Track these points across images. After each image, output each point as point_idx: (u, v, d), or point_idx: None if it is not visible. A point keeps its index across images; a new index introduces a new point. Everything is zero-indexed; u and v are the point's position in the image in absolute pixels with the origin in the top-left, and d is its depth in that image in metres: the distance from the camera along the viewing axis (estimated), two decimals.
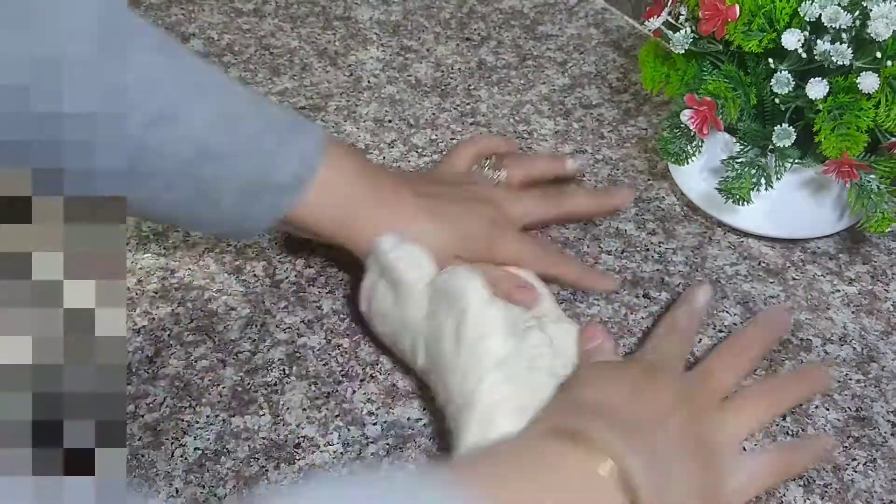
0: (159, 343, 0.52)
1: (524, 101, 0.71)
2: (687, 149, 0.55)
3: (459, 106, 0.71)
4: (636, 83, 0.73)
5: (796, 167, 0.53)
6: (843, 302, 0.55)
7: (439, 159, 0.65)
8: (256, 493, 0.45)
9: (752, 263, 0.58)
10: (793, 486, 0.45)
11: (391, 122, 0.69)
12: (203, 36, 0.78)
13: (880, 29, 0.47)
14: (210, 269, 0.57)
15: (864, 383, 0.51)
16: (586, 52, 0.77)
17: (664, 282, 0.56)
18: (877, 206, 0.51)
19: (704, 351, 0.52)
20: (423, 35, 0.79)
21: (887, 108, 0.49)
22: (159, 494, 0.45)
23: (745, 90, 0.53)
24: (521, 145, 0.67)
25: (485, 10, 0.82)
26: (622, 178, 0.64)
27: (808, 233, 0.58)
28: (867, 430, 0.48)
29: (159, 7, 0.82)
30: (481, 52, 0.77)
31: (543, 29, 0.80)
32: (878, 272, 0.57)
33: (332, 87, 0.73)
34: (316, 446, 0.47)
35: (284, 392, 0.50)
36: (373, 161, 0.64)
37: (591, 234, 0.60)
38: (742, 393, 0.47)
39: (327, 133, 0.52)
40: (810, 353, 0.52)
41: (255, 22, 0.80)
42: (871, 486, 0.45)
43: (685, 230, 0.60)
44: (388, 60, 0.76)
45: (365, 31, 0.79)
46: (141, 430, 0.48)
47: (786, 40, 0.49)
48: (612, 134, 0.68)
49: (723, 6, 0.51)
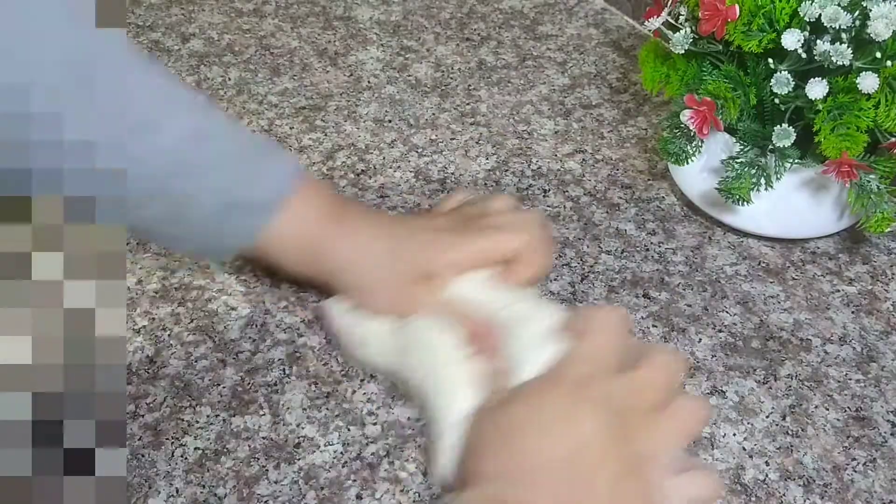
0: (159, 343, 0.52)
1: (524, 101, 0.71)
2: (687, 149, 0.55)
3: (459, 106, 0.71)
4: (636, 83, 0.73)
5: (796, 167, 0.53)
6: (843, 302, 0.55)
7: (439, 159, 0.65)
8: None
9: (752, 263, 0.58)
10: (793, 486, 0.45)
11: (391, 122, 0.69)
12: (203, 36, 0.78)
13: (880, 29, 0.47)
14: (210, 268, 0.57)
15: (864, 383, 0.51)
16: (586, 52, 0.77)
17: (664, 282, 0.56)
18: (877, 206, 0.51)
19: (704, 351, 0.52)
20: (423, 35, 0.79)
21: (887, 108, 0.49)
22: (159, 494, 0.45)
23: (745, 90, 0.53)
24: (521, 145, 0.67)
25: (485, 10, 0.82)
26: (622, 178, 0.64)
27: (808, 233, 0.58)
28: (867, 430, 0.48)
29: (159, 7, 0.82)
30: (481, 52, 0.77)
31: (543, 29, 0.80)
32: (878, 272, 0.57)
33: (332, 87, 0.73)
34: (316, 446, 0.47)
35: (284, 392, 0.50)
36: (373, 164, 0.64)
37: (591, 234, 0.60)
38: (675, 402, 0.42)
39: (300, 165, 0.52)
40: (810, 353, 0.52)
41: (255, 22, 0.80)
42: (871, 486, 0.45)
43: (685, 230, 0.60)
44: (388, 60, 0.76)
45: (365, 31, 0.79)
46: (141, 430, 0.48)
47: (786, 40, 0.49)
48: (612, 134, 0.68)
49: (723, 6, 0.51)
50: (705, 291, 0.56)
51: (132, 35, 0.78)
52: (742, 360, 0.52)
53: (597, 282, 0.56)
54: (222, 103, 0.70)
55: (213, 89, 0.72)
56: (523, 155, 0.66)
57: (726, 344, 0.52)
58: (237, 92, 0.72)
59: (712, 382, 0.50)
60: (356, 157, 0.66)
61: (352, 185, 0.63)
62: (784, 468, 0.46)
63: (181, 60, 0.75)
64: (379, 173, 0.64)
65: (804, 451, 0.47)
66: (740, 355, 0.52)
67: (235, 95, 0.71)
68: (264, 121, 0.69)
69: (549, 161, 0.66)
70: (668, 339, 0.53)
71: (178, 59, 0.75)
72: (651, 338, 0.53)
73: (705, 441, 0.47)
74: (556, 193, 0.63)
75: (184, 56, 0.76)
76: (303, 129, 0.68)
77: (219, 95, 0.71)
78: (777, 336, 0.53)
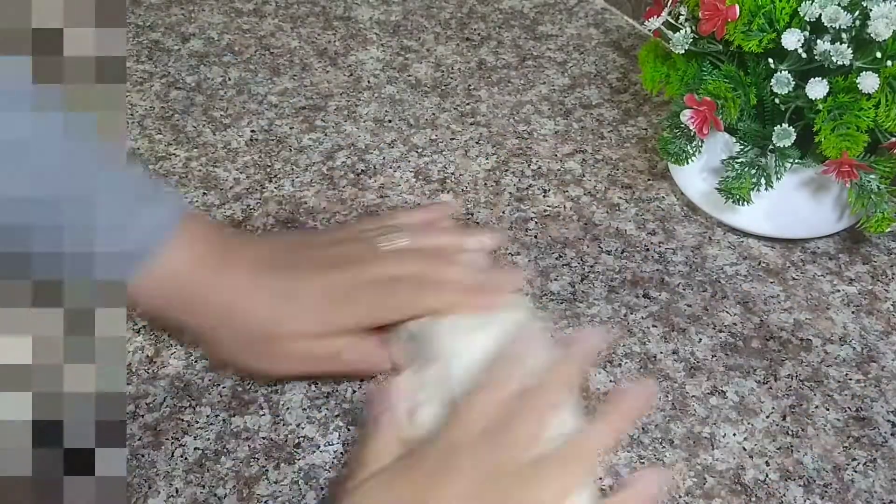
0: (159, 343, 0.52)
1: (524, 101, 0.71)
2: (687, 149, 0.55)
3: (459, 106, 0.71)
4: (636, 83, 0.73)
5: (796, 167, 0.53)
6: (843, 302, 0.55)
7: (439, 159, 0.65)
8: None
9: (752, 263, 0.58)
10: (793, 486, 0.45)
11: (391, 122, 0.69)
12: (203, 36, 0.78)
13: (880, 29, 0.47)
14: None
15: (864, 383, 0.51)
16: (586, 52, 0.77)
17: (664, 282, 0.56)
18: (877, 206, 0.51)
19: (704, 351, 0.52)
20: (423, 35, 0.79)
21: (887, 108, 0.49)
22: (159, 494, 0.45)
23: (745, 90, 0.53)
24: (520, 145, 0.67)
25: (485, 10, 0.82)
26: (622, 178, 0.64)
27: (808, 233, 0.58)
28: (867, 430, 0.48)
29: (159, 7, 0.82)
30: (481, 52, 0.77)
31: (543, 29, 0.80)
32: (878, 272, 0.57)
33: (332, 87, 0.73)
34: (316, 446, 0.47)
35: (284, 392, 0.50)
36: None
37: (591, 234, 0.60)
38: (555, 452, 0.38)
39: (185, 207, 0.47)
40: (810, 353, 0.52)
41: (255, 22, 0.80)
42: (871, 486, 0.45)
43: (685, 230, 0.60)
44: (388, 60, 0.76)
45: (365, 31, 0.79)
46: (141, 430, 0.48)
47: (786, 40, 0.49)
48: (611, 134, 0.68)
49: (723, 6, 0.51)
50: (705, 291, 0.56)
51: (132, 35, 0.78)
52: (742, 360, 0.52)
53: (597, 282, 0.56)
54: (222, 103, 0.70)
55: (213, 89, 0.72)
56: (523, 155, 0.66)
57: (726, 344, 0.52)
58: (237, 92, 0.72)
59: (712, 382, 0.50)
60: (356, 157, 0.66)
61: (352, 185, 0.63)
62: (784, 468, 0.46)
63: (181, 60, 0.75)
64: (379, 173, 0.64)
65: (804, 451, 0.47)
66: (740, 355, 0.52)
67: (235, 95, 0.71)
68: (264, 121, 0.69)
69: (549, 161, 0.66)
70: (668, 339, 0.53)
71: (178, 59, 0.75)
72: (651, 338, 0.53)
73: (705, 441, 0.47)
74: (556, 193, 0.63)
75: (184, 56, 0.76)
76: (303, 129, 0.68)
77: (219, 95, 0.71)
78: (777, 336, 0.53)
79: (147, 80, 0.73)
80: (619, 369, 0.51)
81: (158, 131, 0.68)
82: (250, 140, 0.67)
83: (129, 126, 0.67)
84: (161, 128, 0.68)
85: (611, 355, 0.52)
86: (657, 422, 0.48)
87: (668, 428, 0.48)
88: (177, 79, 0.73)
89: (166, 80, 0.73)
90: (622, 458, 0.46)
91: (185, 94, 0.71)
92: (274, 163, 0.65)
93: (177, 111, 0.70)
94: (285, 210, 0.61)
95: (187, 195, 0.62)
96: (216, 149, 0.66)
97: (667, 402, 0.49)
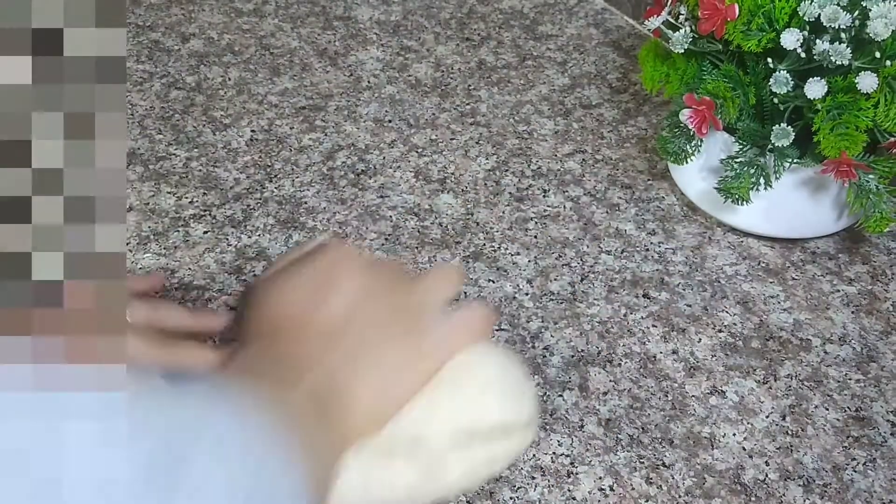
0: None
1: (524, 101, 0.71)
2: (686, 148, 0.55)
3: (459, 106, 0.71)
4: (636, 83, 0.73)
5: (795, 167, 0.53)
6: (842, 302, 0.55)
7: (439, 159, 0.65)
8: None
9: (751, 263, 0.58)
10: (792, 486, 0.45)
11: (391, 122, 0.69)
12: (203, 36, 0.78)
13: (879, 29, 0.47)
14: (210, 269, 0.57)
15: (863, 383, 0.51)
16: (586, 52, 0.77)
17: (664, 282, 0.56)
18: (875, 205, 0.51)
19: (704, 351, 0.52)
20: (423, 35, 0.79)
21: (886, 108, 0.49)
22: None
23: (745, 90, 0.53)
24: (520, 145, 0.67)
25: (485, 10, 0.82)
26: (622, 178, 0.64)
27: (808, 233, 0.58)
28: (867, 430, 0.48)
29: (159, 7, 0.82)
30: (481, 52, 0.77)
31: (543, 29, 0.80)
32: (878, 272, 0.57)
33: (332, 87, 0.73)
34: None
35: None
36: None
37: (591, 234, 0.60)
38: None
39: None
40: (810, 352, 0.52)
41: (255, 22, 0.80)
42: (870, 486, 0.45)
43: (685, 230, 0.60)
44: (388, 60, 0.76)
45: (365, 31, 0.79)
46: None
47: (785, 40, 0.49)
48: (611, 134, 0.68)
49: (722, 6, 0.51)
50: (705, 291, 0.56)
51: (132, 35, 0.78)
52: (742, 360, 0.52)
53: (597, 282, 0.56)
54: (222, 103, 0.70)
55: (213, 89, 0.72)
56: (523, 155, 0.66)
57: (726, 344, 0.53)
58: (237, 92, 0.72)
59: (712, 382, 0.50)
60: (356, 157, 0.66)
61: (352, 185, 0.63)
62: (784, 468, 0.46)
63: (181, 60, 0.75)
64: (379, 173, 0.64)
65: (804, 451, 0.47)
66: (740, 355, 0.52)
67: (235, 95, 0.71)
68: (264, 121, 0.69)
69: (549, 161, 0.66)
70: (668, 338, 0.53)
71: (178, 59, 0.75)
72: (651, 338, 0.53)
73: (705, 441, 0.47)
74: (556, 193, 0.63)
75: (184, 56, 0.76)
76: (303, 129, 0.68)
77: (219, 95, 0.71)
78: (777, 336, 0.53)
79: (147, 80, 0.73)
80: (619, 369, 0.51)
81: (158, 131, 0.68)
82: (250, 140, 0.67)
83: (129, 126, 0.67)
84: (161, 128, 0.68)
85: (611, 355, 0.52)
86: (657, 422, 0.48)
87: (668, 428, 0.48)
88: (177, 79, 0.73)
89: (166, 80, 0.73)
90: (622, 458, 0.47)
91: (185, 94, 0.71)
92: (274, 163, 0.65)
93: (177, 111, 0.70)
94: (285, 210, 0.61)
95: (187, 195, 0.62)
96: (216, 149, 0.66)
97: (667, 402, 0.49)
